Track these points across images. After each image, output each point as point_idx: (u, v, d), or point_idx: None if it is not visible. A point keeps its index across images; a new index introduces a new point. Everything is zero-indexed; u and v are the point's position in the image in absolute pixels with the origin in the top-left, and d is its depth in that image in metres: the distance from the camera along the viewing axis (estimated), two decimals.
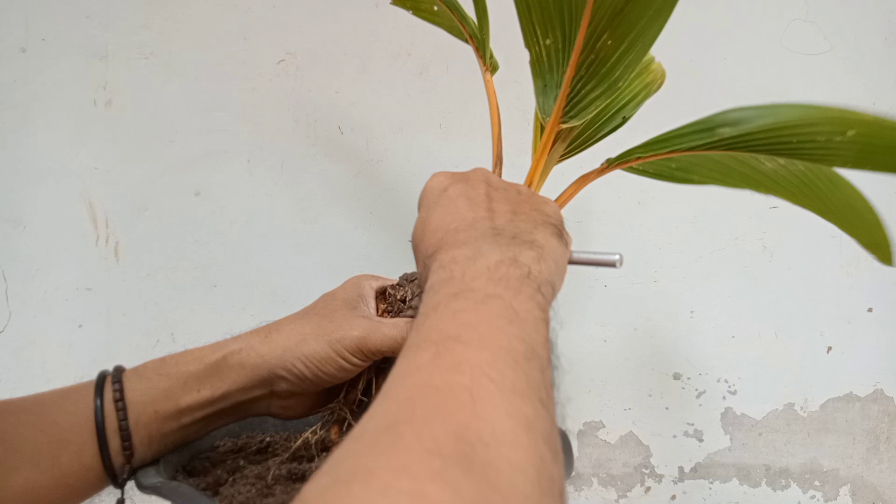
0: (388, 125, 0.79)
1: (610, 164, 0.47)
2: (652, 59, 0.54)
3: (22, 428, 0.37)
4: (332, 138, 0.79)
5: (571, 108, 0.43)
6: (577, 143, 0.50)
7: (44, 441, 0.37)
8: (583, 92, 0.42)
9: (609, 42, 0.38)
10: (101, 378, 0.41)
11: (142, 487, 0.39)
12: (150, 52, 0.76)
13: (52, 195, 0.77)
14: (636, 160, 0.45)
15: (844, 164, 0.39)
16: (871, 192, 0.44)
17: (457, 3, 0.50)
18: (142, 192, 0.78)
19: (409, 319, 0.44)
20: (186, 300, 0.78)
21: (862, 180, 0.43)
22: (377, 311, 0.47)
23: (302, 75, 0.78)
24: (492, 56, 0.51)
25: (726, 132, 0.39)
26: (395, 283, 0.48)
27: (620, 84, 0.41)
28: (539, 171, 0.46)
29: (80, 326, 0.77)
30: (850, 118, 0.35)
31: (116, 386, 0.40)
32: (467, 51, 0.79)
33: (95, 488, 0.40)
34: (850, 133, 0.36)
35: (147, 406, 0.40)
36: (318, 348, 0.41)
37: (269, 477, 0.42)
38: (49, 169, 0.77)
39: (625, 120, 0.51)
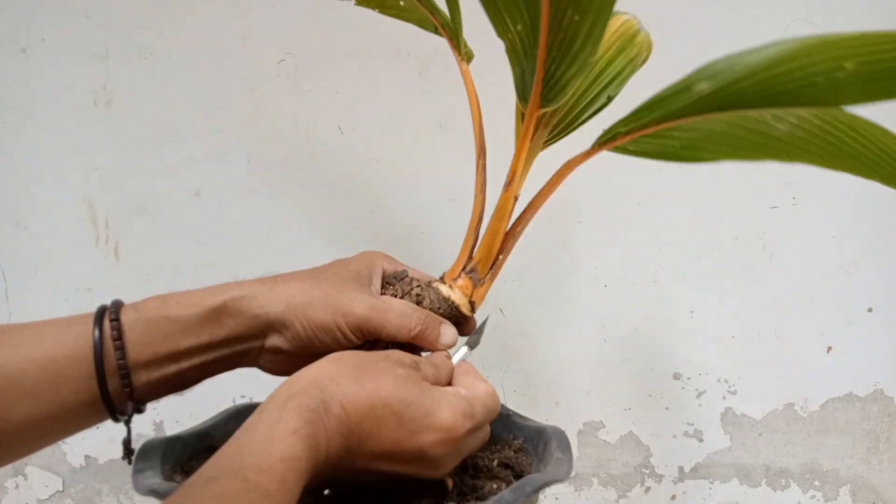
0: (388, 125, 0.79)
1: (597, 145, 0.44)
2: (637, 31, 0.50)
3: (22, 363, 0.37)
4: (332, 138, 0.79)
5: (548, 91, 0.41)
6: (560, 127, 0.48)
7: (44, 377, 0.37)
8: (557, 73, 0.40)
9: (575, 17, 0.36)
10: (100, 313, 0.40)
11: (139, 489, 0.39)
12: (150, 52, 0.76)
13: (52, 195, 0.77)
14: (623, 137, 0.42)
15: (856, 101, 0.34)
16: None
17: None
18: (142, 192, 0.78)
19: (416, 307, 0.44)
20: None
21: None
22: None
23: (302, 75, 0.78)
24: (466, 45, 0.50)
25: (705, 87, 0.36)
26: (403, 269, 0.48)
27: (593, 59, 0.39)
28: (522, 160, 0.45)
29: None
30: (841, 44, 0.31)
31: (115, 324, 0.39)
32: None
33: (98, 419, 0.40)
34: (849, 65, 0.32)
35: (146, 347, 0.39)
36: (321, 315, 0.41)
37: None
38: (49, 169, 0.77)
39: (610, 99, 0.49)
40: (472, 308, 0.48)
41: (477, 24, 0.50)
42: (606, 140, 0.43)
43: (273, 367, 0.44)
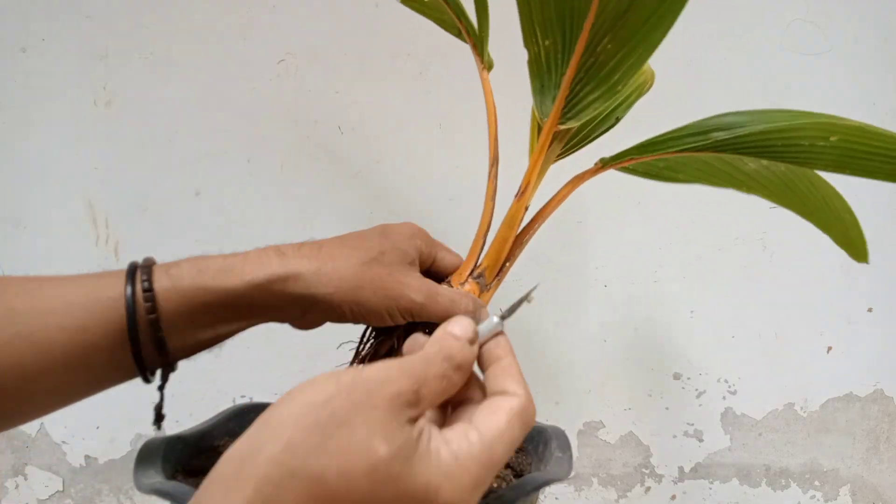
0: (388, 125, 0.79)
1: (604, 164, 0.47)
2: None
3: (51, 331, 0.36)
4: (332, 138, 0.79)
5: (570, 109, 0.43)
6: (572, 143, 0.50)
7: (74, 347, 0.37)
8: (581, 94, 0.42)
9: (609, 46, 0.38)
10: (131, 275, 0.38)
11: (141, 488, 0.39)
12: (150, 52, 0.76)
13: (52, 195, 0.77)
14: (630, 160, 0.46)
15: (826, 168, 0.41)
16: (851, 193, 0.46)
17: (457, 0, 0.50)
18: (142, 192, 0.78)
19: (462, 292, 0.44)
20: None
21: (844, 184, 0.45)
22: None
23: (302, 75, 0.78)
24: (488, 54, 0.51)
25: (720, 136, 0.40)
26: (441, 251, 0.48)
27: (620, 87, 0.41)
28: (536, 171, 0.47)
29: None
30: (835, 124, 0.37)
31: (148, 295, 0.37)
32: (468, 51, 0.79)
33: (128, 378, 0.40)
34: (833, 139, 0.38)
35: (182, 318, 0.38)
36: (373, 300, 0.40)
37: None
38: (49, 169, 0.77)
39: (617, 120, 0.52)
40: None
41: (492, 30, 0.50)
42: (616, 161, 0.47)
43: (304, 325, 0.43)
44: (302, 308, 0.41)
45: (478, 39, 0.50)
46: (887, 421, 0.84)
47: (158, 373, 0.41)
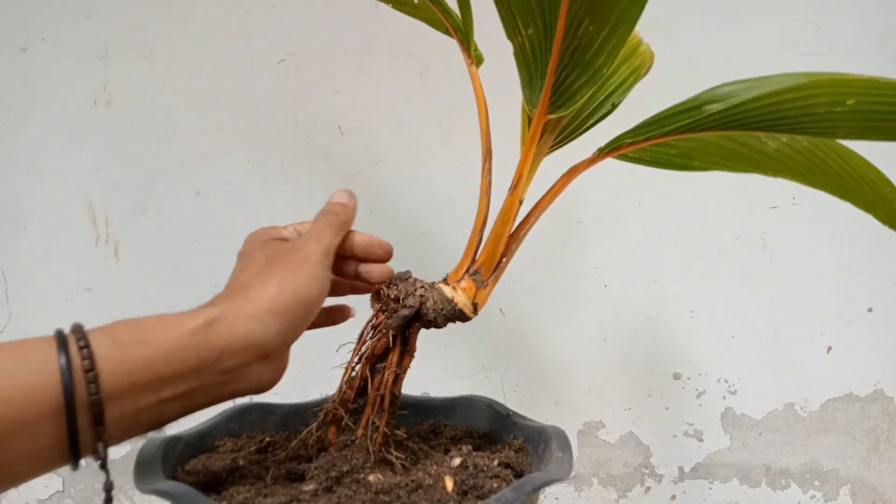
0: (388, 125, 0.79)
1: (601, 153, 0.46)
2: (639, 42, 0.52)
3: None
4: (332, 138, 0.79)
5: (557, 97, 0.42)
6: (566, 132, 0.49)
7: None
8: (568, 81, 0.41)
9: (591, 28, 0.37)
10: (63, 339, 0.34)
11: (142, 488, 0.39)
12: (150, 52, 0.76)
13: (52, 195, 0.77)
14: (627, 146, 0.44)
15: (848, 136, 0.37)
16: (888, 166, 0.42)
17: None
18: (142, 192, 0.78)
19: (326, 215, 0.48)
20: (186, 300, 0.78)
21: (877, 154, 0.41)
22: (374, 312, 0.48)
23: (302, 75, 0.78)
24: (476, 49, 0.51)
25: (714, 108, 0.38)
26: (406, 270, 0.48)
27: (605, 70, 0.40)
28: (528, 164, 0.46)
29: None
30: (847, 83, 0.34)
31: (85, 351, 0.33)
32: None
33: (49, 469, 0.34)
34: (850, 102, 0.34)
35: (123, 376, 0.34)
36: (298, 275, 0.42)
37: (269, 477, 0.42)
38: (49, 169, 0.77)
39: (614, 107, 0.50)
40: (475, 309, 0.48)
41: (486, 26, 0.50)
42: (612, 149, 0.45)
43: (262, 381, 0.42)
44: (250, 346, 0.39)
45: (463, 35, 0.50)
46: (887, 421, 0.84)
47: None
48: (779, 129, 0.38)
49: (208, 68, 0.77)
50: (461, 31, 0.50)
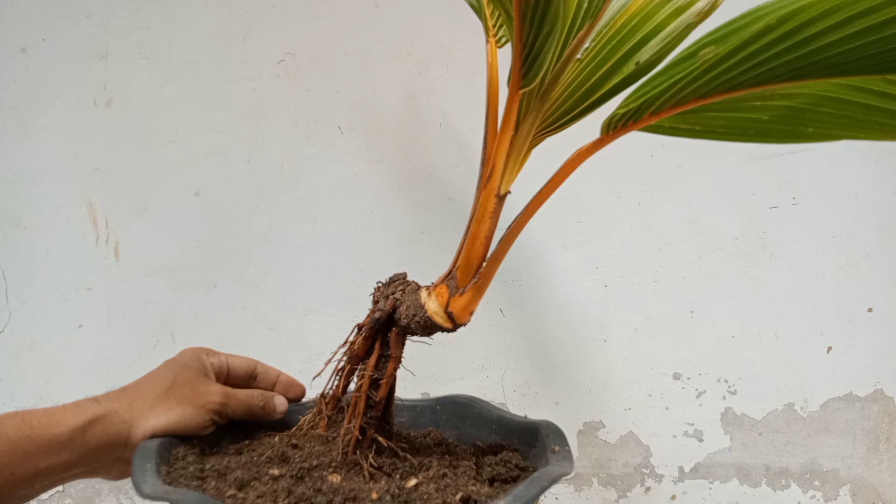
0: (388, 125, 0.79)
1: (608, 129, 0.34)
2: None
3: None
4: (332, 138, 0.79)
5: (529, 65, 0.31)
6: (559, 113, 0.37)
7: None
8: (536, 43, 0.30)
9: None
10: None
11: (143, 494, 0.39)
12: (150, 52, 0.76)
13: (52, 195, 0.77)
14: (649, 117, 0.32)
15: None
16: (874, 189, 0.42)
17: None
18: (142, 192, 0.78)
19: (262, 392, 0.51)
20: (186, 300, 0.78)
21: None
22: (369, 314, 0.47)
23: (302, 75, 0.78)
24: (501, 25, 0.42)
25: (709, 54, 0.28)
26: (403, 272, 0.48)
27: (580, 20, 0.30)
28: (503, 150, 0.35)
29: (80, 326, 0.77)
30: None
31: None
32: (468, 51, 0.79)
33: None
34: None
35: (4, 468, 0.39)
36: (184, 412, 0.45)
37: (267, 476, 0.42)
38: (49, 169, 0.77)
39: (641, 67, 0.34)
40: (452, 319, 0.41)
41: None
42: (626, 120, 0.33)
43: (127, 473, 0.46)
44: (121, 446, 0.44)
45: (478, 11, 0.46)
46: (887, 421, 0.84)
47: None
48: (851, 71, 0.25)
49: (208, 68, 0.77)
50: (475, 8, 0.46)
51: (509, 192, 0.40)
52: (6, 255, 0.77)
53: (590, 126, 0.39)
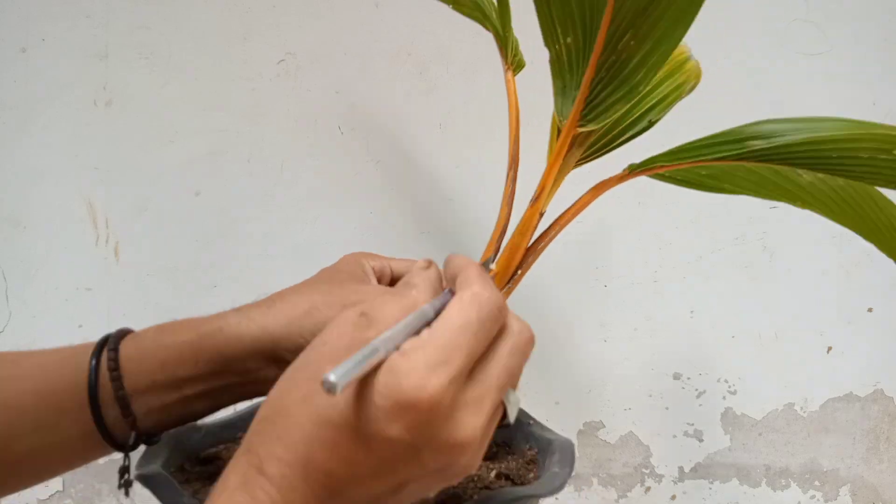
0: (388, 125, 0.79)
1: (632, 171, 0.45)
2: (687, 58, 0.50)
3: (25, 396, 0.37)
4: (332, 138, 0.79)
5: (590, 110, 0.41)
6: (596, 147, 0.47)
7: (45, 409, 0.37)
8: (602, 94, 0.40)
9: (632, 42, 0.37)
10: (101, 344, 0.39)
11: (140, 478, 0.39)
12: (150, 52, 0.76)
13: (52, 195, 0.77)
14: (660, 168, 0.44)
15: (889, 185, 0.38)
16: None
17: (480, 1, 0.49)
18: (142, 192, 0.78)
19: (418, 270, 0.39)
20: (186, 300, 0.78)
21: None
22: None
23: (302, 75, 0.78)
24: (517, 54, 0.49)
25: (757, 144, 0.38)
26: (394, 261, 0.48)
27: (642, 87, 0.39)
28: (553, 177, 0.44)
29: (80, 326, 0.77)
30: (890, 134, 0.35)
31: (111, 354, 0.38)
32: (468, 51, 0.79)
33: (100, 452, 0.39)
34: None
35: (143, 376, 0.38)
36: (329, 314, 0.38)
37: None
38: (49, 169, 0.77)
39: (651, 124, 0.48)
40: None
41: (522, 31, 0.49)
42: (645, 167, 0.44)
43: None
44: (262, 355, 0.38)
45: (502, 39, 0.49)
46: (887, 421, 0.84)
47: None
48: (818, 168, 0.38)
49: (208, 68, 0.77)
50: (500, 35, 0.49)
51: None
52: (6, 255, 0.77)
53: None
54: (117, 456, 0.40)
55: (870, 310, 0.82)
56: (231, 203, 0.78)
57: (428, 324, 0.29)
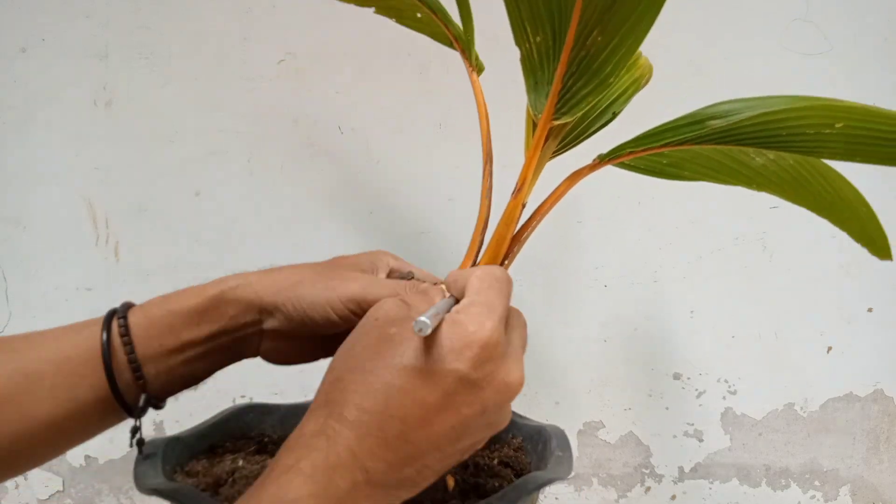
0: (388, 125, 0.79)
1: (602, 160, 0.47)
2: (639, 55, 0.54)
3: (40, 364, 0.39)
4: (332, 138, 0.79)
5: (563, 104, 0.43)
6: (568, 139, 0.50)
7: (60, 376, 0.39)
8: (574, 88, 0.42)
9: (599, 38, 0.39)
10: (110, 314, 0.42)
11: (143, 489, 0.39)
12: (150, 52, 0.76)
13: (52, 195, 0.77)
14: (628, 155, 0.46)
15: (834, 156, 0.40)
16: (865, 186, 0.44)
17: (440, 6, 0.51)
18: (142, 192, 0.78)
19: (408, 282, 0.44)
20: None
21: (855, 174, 0.44)
22: None
23: (302, 75, 0.78)
24: (477, 58, 0.52)
25: (717, 124, 0.40)
26: (409, 271, 0.48)
27: (612, 80, 0.41)
28: (532, 168, 0.46)
29: None
30: (839, 108, 0.36)
31: (121, 321, 0.41)
32: None
33: (115, 418, 0.42)
34: (839, 125, 0.37)
35: (152, 340, 0.41)
36: (312, 292, 0.41)
37: None
38: (49, 169, 0.77)
39: (614, 115, 0.51)
40: None
41: (491, 30, 0.50)
42: (613, 156, 0.46)
43: (276, 356, 0.44)
44: (253, 317, 0.42)
45: (465, 45, 0.51)
46: (887, 421, 0.84)
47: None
48: (769, 146, 0.41)
49: (208, 68, 0.77)
50: (462, 40, 0.51)
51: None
52: (6, 255, 0.77)
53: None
54: (117, 455, 0.41)
55: (870, 310, 0.82)
56: (231, 203, 0.78)
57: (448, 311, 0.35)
